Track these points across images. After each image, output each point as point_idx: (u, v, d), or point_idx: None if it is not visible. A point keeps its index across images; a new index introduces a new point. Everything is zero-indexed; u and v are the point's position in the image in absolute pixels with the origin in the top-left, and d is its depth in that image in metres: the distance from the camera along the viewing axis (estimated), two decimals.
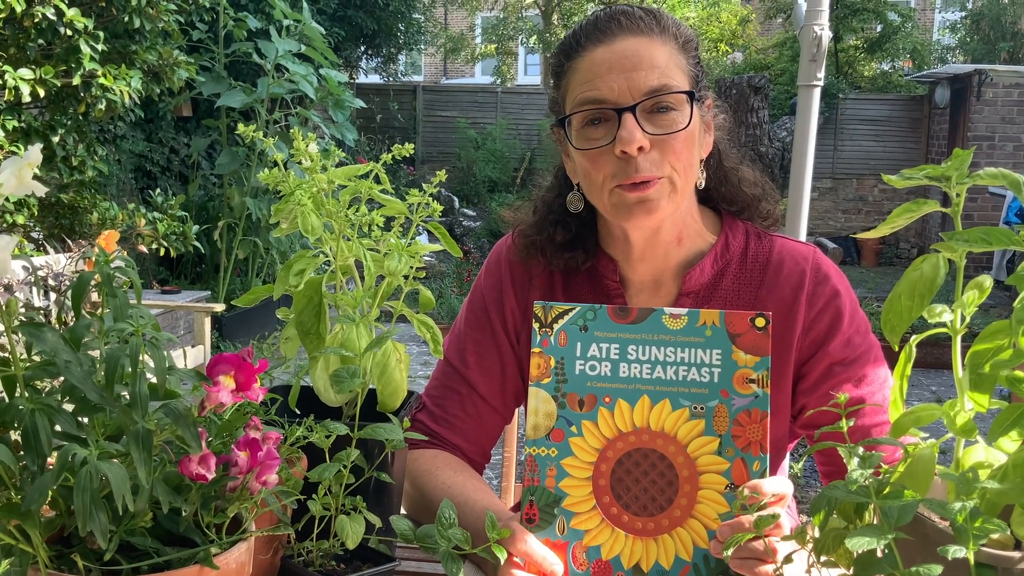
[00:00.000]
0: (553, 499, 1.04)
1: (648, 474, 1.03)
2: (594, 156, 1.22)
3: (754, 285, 1.31)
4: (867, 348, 1.30)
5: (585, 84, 1.21)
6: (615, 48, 1.21)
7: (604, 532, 1.03)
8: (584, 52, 1.23)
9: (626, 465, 1.04)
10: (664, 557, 1.01)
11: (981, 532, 0.70)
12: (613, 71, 1.19)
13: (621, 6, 1.26)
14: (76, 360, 0.72)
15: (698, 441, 1.03)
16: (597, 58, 1.21)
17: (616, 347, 1.06)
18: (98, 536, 0.69)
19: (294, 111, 6.67)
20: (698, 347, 1.05)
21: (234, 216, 6.69)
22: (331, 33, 8.76)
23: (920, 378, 6.32)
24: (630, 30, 1.22)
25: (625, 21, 1.22)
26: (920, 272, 0.83)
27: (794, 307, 1.28)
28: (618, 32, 1.22)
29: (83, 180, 4.70)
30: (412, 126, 12.95)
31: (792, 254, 1.32)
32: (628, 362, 1.06)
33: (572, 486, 1.04)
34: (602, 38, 1.22)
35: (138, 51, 4.50)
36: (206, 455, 0.77)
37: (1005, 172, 0.80)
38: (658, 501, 1.02)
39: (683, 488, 1.02)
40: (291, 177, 0.98)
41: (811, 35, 3.66)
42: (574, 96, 1.24)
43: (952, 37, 15.26)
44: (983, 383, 0.79)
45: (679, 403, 1.04)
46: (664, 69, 1.20)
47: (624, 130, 1.17)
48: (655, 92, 1.18)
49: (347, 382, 0.96)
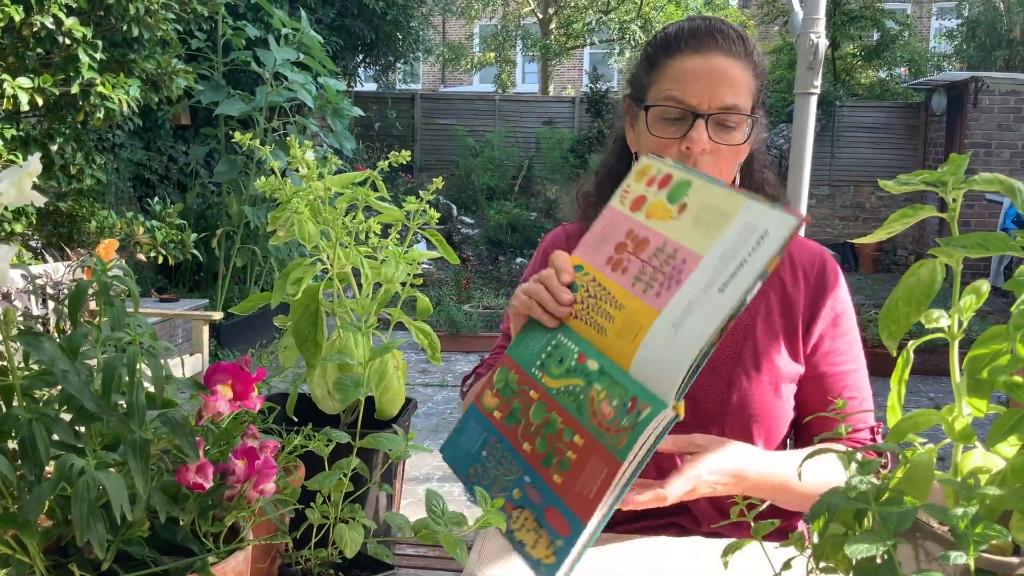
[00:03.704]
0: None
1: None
2: (664, 144, 1.38)
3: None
4: (856, 358, 1.45)
5: (675, 83, 1.38)
6: (708, 61, 1.38)
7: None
8: (680, 55, 1.40)
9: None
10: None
11: (982, 538, 0.70)
12: (700, 81, 1.37)
13: (719, 23, 1.43)
14: (74, 369, 0.72)
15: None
16: (690, 65, 1.38)
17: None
18: (95, 546, 0.69)
19: (292, 120, 6.68)
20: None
21: (232, 224, 6.70)
22: (329, 42, 8.77)
23: (918, 385, 6.32)
24: (724, 49, 1.39)
25: (721, 40, 1.39)
26: (917, 278, 0.83)
27: (800, 290, 1.46)
28: (713, 47, 1.39)
29: (81, 188, 4.70)
30: (410, 134, 12.96)
31: (802, 246, 1.50)
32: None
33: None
34: (699, 48, 1.39)
35: (137, 60, 4.50)
36: (203, 464, 0.77)
37: (1001, 178, 0.81)
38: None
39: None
40: (288, 185, 0.98)
41: (808, 43, 3.66)
42: (661, 89, 1.40)
43: (948, 44, 15.30)
44: (981, 388, 0.79)
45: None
46: (739, 90, 1.38)
47: (696, 132, 1.35)
48: (728, 109, 1.36)
49: (350, 391, 0.96)
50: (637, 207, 1.10)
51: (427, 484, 4.48)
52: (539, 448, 1.03)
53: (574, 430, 1.01)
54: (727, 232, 0.99)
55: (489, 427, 1.08)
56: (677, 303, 1.00)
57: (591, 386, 1.02)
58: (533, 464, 1.03)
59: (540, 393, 1.06)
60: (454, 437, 1.10)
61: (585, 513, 0.97)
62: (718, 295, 0.97)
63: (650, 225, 1.07)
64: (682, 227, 1.04)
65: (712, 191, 1.03)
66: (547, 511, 1.00)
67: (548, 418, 1.04)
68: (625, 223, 1.10)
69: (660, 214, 1.07)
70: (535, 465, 1.03)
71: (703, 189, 1.04)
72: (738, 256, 0.97)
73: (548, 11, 15.72)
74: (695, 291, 0.99)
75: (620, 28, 15.12)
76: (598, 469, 0.98)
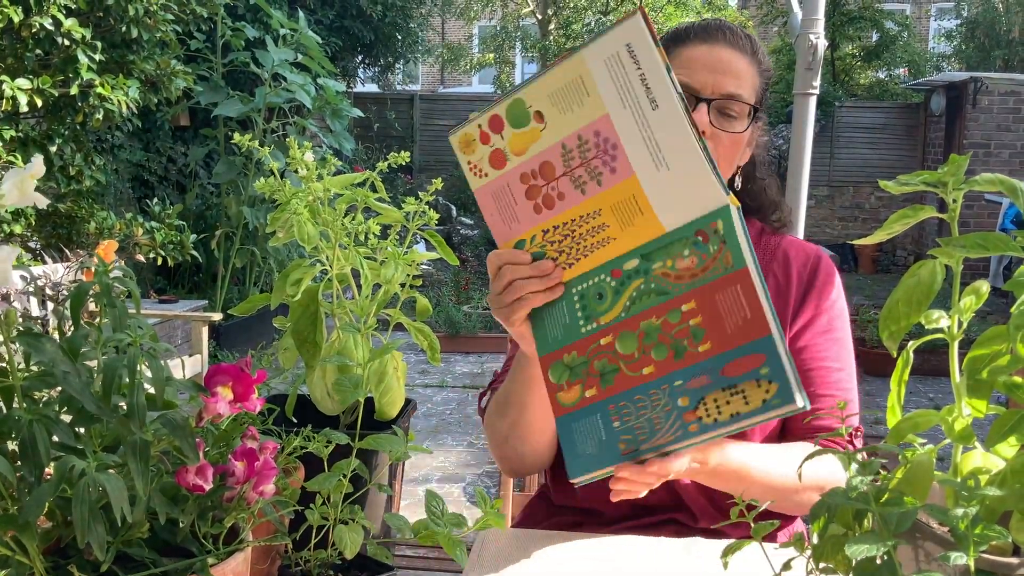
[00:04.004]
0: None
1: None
2: None
3: (763, 266, 1.44)
4: (840, 357, 1.46)
5: (681, 69, 1.41)
6: (714, 51, 1.43)
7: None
8: (688, 44, 1.45)
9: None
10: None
11: (982, 539, 0.70)
12: (706, 68, 1.41)
13: (728, 23, 1.48)
14: (74, 371, 0.72)
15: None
16: (697, 53, 1.43)
17: None
18: (96, 547, 0.69)
19: (291, 120, 6.67)
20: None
21: (232, 225, 6.69)
22: (328, 43, 8.77)
23: (918, 386, 6.32)
24: (731, 43, 1.44)
25: (729, 35, 1.45)
26: (917, 278, 0.83)
27: (791, 287, 1.47)
28: (720, 40, 1.44)
29: (80, 190, 4.70)
30: (409, 135, 12.97)
31: (800, 247, 1.53)
32: None
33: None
34: (706, 39, 1.44)
35: (136, 61, 4.50)
36: (203, 466, 0.77)
37: (1002, 178, 0.81)
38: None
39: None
40: (287, 186, 0.98)
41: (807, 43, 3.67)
42: None
43: (947, 45, 15.31)
44: (980, 389, 0.79)
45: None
46: (742, 82, 1.42)
47: (697, 113, 1.38)
48: (730, 97, 1.40)
49: (350, 392, 0.96)
50: (501, 161, 1.10)
51: (427, 485, 4.48)
52: (661, 355, 1.04)
53: (675, 308, 1.03)
54: (599, 81, 1.03)
55: (592, 409, 1.08)
56: (638, 154, 1.03)
57: (650, 270, 1.05)
58: (670, 370, 1.04)
59: (610, 332, 1.07)
60: (572, 456, 1.09)
61: (759, 329, 0.99)
62: (658, 111, 1.01)
63: (532, 152, 1.08)
64: (560, 123, 1.06)
65: (545, 82, 1.06)
66: (726, 371, 1.01)
67: (642, 331, 1.05)
68: (508, 177, 1.10)
69: (527, 140, 1.09)
70: (673, 368, 1.03)
71: (535, 89, 1.07)
72: (631, 77, 1.01)
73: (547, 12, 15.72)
74: (637, 131, 1.03)
75: None
76: (732, 294, 1.01)
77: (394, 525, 0.98)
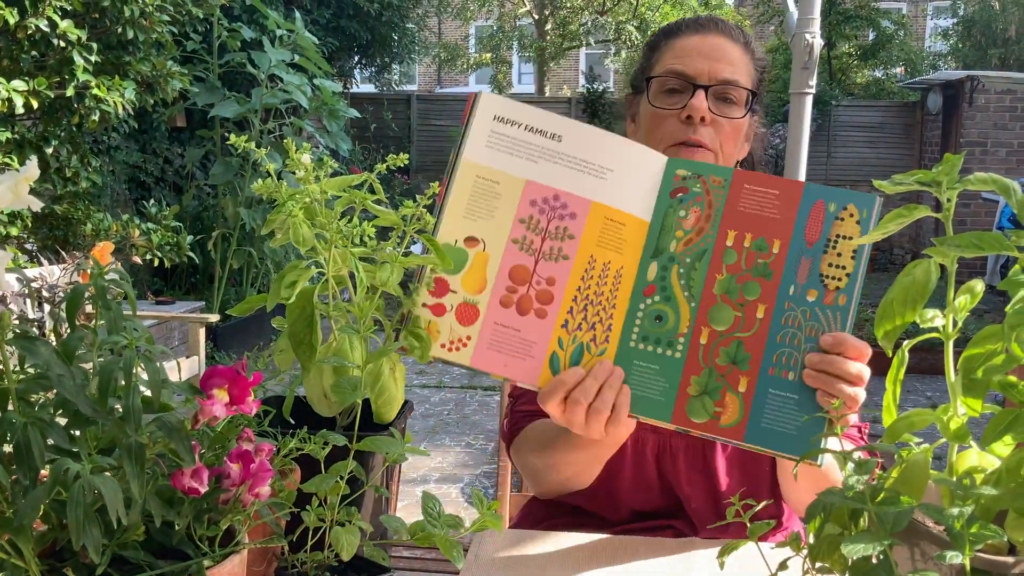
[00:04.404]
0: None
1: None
2: (663, 116, 1.43)
3: None
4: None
5: (676, 59, 1.44)
6: (707, 40, 1.44)
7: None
8: (681, 35, 1.47)
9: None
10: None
11: (978, 538, 0.70)
12: (701, 55, 1.42)
13: (719, 17, 1.51)
14: (69, 373, 0.72)
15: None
16: (691, 42, 1.45)
17: None
18: (91, 551, 0.69)
19: (288, 121, 6.67)
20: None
21: (228, 226, 6.68)
22: (325, 43, 8.76)
23: (915, 384, 6.33)
24: (723, 32, 1.46)
25: (721, 25, 1.47)
26: (912, 277, 0.83)
27: None
28: (713, 29, 1.46)
29: (77, 191, 4.69)
30: (406, 135, 12.95)
31: None
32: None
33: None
34: (699, 29, 1.46)
35: (131, 62, 4.50)
36: (199, 468, 0.76)
37: (995, 177, 0.81)
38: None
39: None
40: (283, 188, 0.98)
41: (803, 42, 3.67)
42: (663, 65, 1.46)
43: (944, 44, 15.32)
44: (976, 388, 0.79)
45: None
46: (738, 69, 1.43)
47: (696, 100, 1.39)
48: (726, 82, 1.41)
49: (348, 394, 0.95)
50: (472, 312, 1.04)
51: (424, 485, 4.48)
52: (754, 291, 1.05)
53: (723, 251, 1.06)
54: (497, 165, 1.04)
55: (761, 396, 1.03)
56: (580, 184, 1.05)
57: (673, 256, 1.05)
58: (774, 291, 1.05)
59: (699, 328, 1.05)
60: (798, 440, 1.03)
61: (795, 191, 1.07)
62: (563, 139, 1.06)
63: (492, 273, 1.04)
64: (495, 228, 1.04)
65: (452, 212, 1.04)
66: (807, 238, 1.06)
67: (721, 294, 1.05)
68: (490, 318, 1.04)
69: (479, 270, 1.04)
70: (775, 287, 1.05)
71: (447, 225, 1.04)
72: (519, 137, 1.04)
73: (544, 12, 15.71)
74: (563, 169, 1.04)
75: (616, 29, 15.13)
76: (749, 194, 1.07)
77: (391, 527, 0.98)
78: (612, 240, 1.05)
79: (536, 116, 1.05)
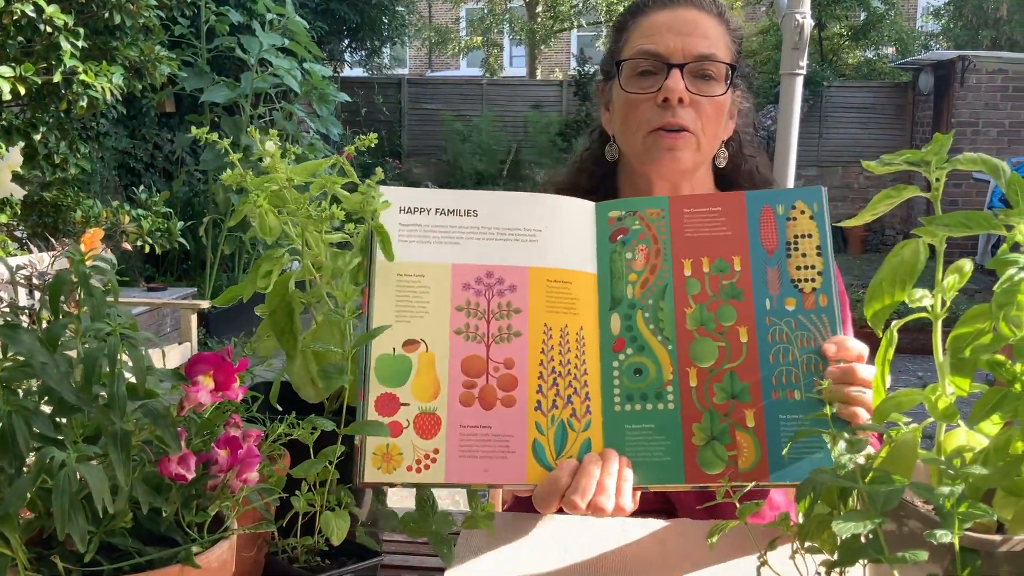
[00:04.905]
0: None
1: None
2: (637, 101, 1.35)
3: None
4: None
5: (645, 38, 1.35)
6: (677, 14, 1.35)
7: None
8: (649, 12, 1.38)
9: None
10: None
11: (966, 517, 0.70)
12: (672, 31, 1.33)
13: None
14: (52, 361, 0.72)
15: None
16: (660, 19, 1.35)
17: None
18: (76, 539, 0.69)
19: (279, 106, 6.63)
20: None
21: (219, 212, 6.66)
22: (314, 27, 8.71)
23: (907, 364, 6.35)
24: (693, 3, 1.36)
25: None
26: (901, 258, 0.83)
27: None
28: (682, 3, 1.36)
29: (66, 178, 4.67)
30: (397, 119, 12.91)
31: None
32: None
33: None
34: (667, 4, 1.37)
35: (119, 47, 4.46)
36: (186, 455, 0.76)
37: (984, 157, 0.80)
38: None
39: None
40: (249, 176, 0.97)
41: (793, 23, 3.66)
42: (633, 47, 1.37)
43: (935, 24, 15.30)
44: (964, 367, 0.79)
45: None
46: (713, 42, 1.34)
47: (671, 80, 1.31)
48: (703, 58, 1.32)
49: (334, 379, 0.95)
50: (432, 423, 0.95)
51: None
52: (729, 315, 0.99)
53: (685, 281, 1.00)
54: (419, 257, 0.97)
55: (774, 423, 0.96)
56: (510, 252, 0.98)
57: (634, 302, 0.99)
58: (750, 311, 0.99)
59: (685, 369, 0.97)
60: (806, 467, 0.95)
61: (736, 201, 1.03)
62: (478, 213, 0.99)
63: (441, 374, 0.95)
64: (431, 324, 0.95)
65: (382, 318, 0.95)
66: (764, 244, 1.01)
67: (697, 328, 0.98)
68: (453, 421, 0.94)
69: (427, 374, 0.95)
70: (751, 307, 0.99)
71: (382, 336, 0.94)
72: (430, 223, 0.98)
73: None
74: (488, 243, 0.98)
75: (607, 10, 15.08)
76: (692, 217, 1.02)
77: (383, 517, 0.98)
78: (562, 302, 0.97)
79: (444, 197, 0.99)
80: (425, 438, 0.93)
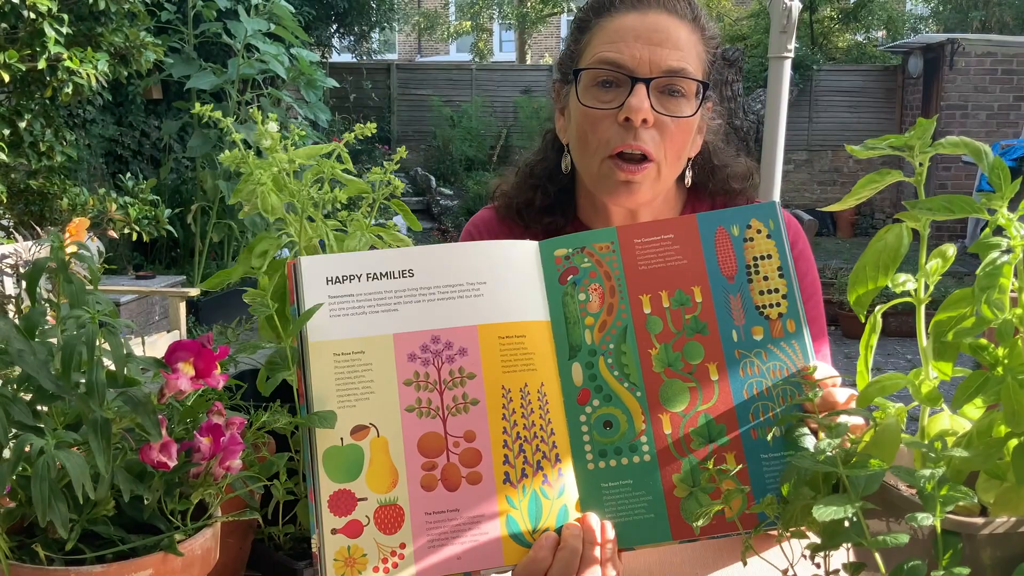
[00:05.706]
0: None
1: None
2: (597, 118, 1.21)
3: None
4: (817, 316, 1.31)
5: (608, 44, 1.20)
6: (647, 19, 1.20)
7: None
8: (615, 13, 1.22)
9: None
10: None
11: (949, 500, 0.70)
12: (640, 40, 1.19)
13: None
14: (30, 348, 0.71)
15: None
16: (627, 23, 1.21)
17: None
18: (58, 526, 0.68)
19: (266, 92, 6.59)
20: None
21: (208, 199, 6.63)
22: (301, 12, 8.64)
23: (895, 347, 6.38)
24: (666, 7, 1.22)
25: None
26: (884, 242, 0.83)
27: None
28: (654, 5, 1.21)
29: (52, 166, 4.64)
30: (387, 105, 12.85)
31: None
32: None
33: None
34: (637, 5, 1.22)
35: (104, 33, 4.43)
36: (167, 442, 0.76)
37: (968, 141, 0.80)
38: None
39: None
40: (251, 157, 0.97)
41: (781, 6, 3.65)
42: (594, 53, 1.22)
43: (925, 6, 15.29)
44: (946, 351, 0.79)
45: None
46: (685, 54, 1.20)
47: (635, 98, 1.17)
48: (673, 73, 1.18)
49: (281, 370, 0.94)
50: (394, 518, 0.86)
51: None
52: (696, 353, 0.92)
53: (646, 320, 0.92)
54: (358, 329, 0.88)
55: (756, 463, 0.91)
56: (454, 313, 0.90)
57: (594, 349, 0.92)
58: (716, 341, 0.93)
59: (657, 417, 0.91)
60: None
61: (689, 225, 0.97)
62: (414, 273, 0.91)
63: (396, 457, 0.87)
64: (379, 404, 0.88)
65: (322, 402, 0.87)
66: (725, 272, 0.95)
67: (664, 370, 0.92)
68: (416, 510, 0.86)
69: (381, 460, 0.87)
70: (716, 340, 0.93)
71: (324, 429, 0.86)
72: (362, 290, 0.90)
73: None
74: (428, 305, 0.90)
75: None
76: (646, 248, 0.96)
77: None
78: (518, 359, 0.90)
79: (374, 259, 0.90)
80: (388, 533, 0.85)
